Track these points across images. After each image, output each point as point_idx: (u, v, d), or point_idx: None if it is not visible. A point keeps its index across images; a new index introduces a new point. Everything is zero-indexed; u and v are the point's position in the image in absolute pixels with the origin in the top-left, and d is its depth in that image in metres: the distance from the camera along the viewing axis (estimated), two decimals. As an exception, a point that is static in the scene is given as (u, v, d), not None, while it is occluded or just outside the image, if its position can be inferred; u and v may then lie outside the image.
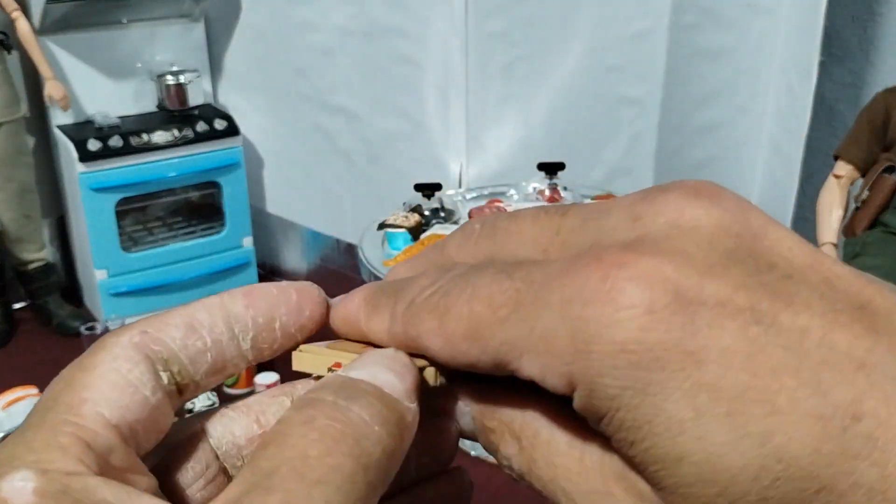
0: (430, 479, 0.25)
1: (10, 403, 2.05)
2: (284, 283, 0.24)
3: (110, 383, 0.21)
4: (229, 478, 0.23)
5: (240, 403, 0.24)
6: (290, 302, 0.24)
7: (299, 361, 0.24)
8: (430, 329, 0.21)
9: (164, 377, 0.22)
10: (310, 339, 0.24)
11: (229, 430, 0.24)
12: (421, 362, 0.22)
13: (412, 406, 0.21)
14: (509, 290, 0.19)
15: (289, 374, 0.24)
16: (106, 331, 2.59)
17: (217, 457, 0.23)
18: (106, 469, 0.19)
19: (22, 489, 0.18)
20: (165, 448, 0.23)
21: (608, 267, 0.18)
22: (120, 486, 0.19)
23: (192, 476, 0.23)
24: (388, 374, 0.21)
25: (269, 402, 0.24)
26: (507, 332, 0.19)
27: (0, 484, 0.18)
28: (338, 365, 0.23)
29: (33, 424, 0.20)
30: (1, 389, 2.10)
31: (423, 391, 0.22)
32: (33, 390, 2.10)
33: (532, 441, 0.21)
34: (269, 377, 2.22)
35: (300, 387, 0.24)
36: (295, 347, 0.24)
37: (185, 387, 0.22)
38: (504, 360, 0.19)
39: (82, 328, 2.58)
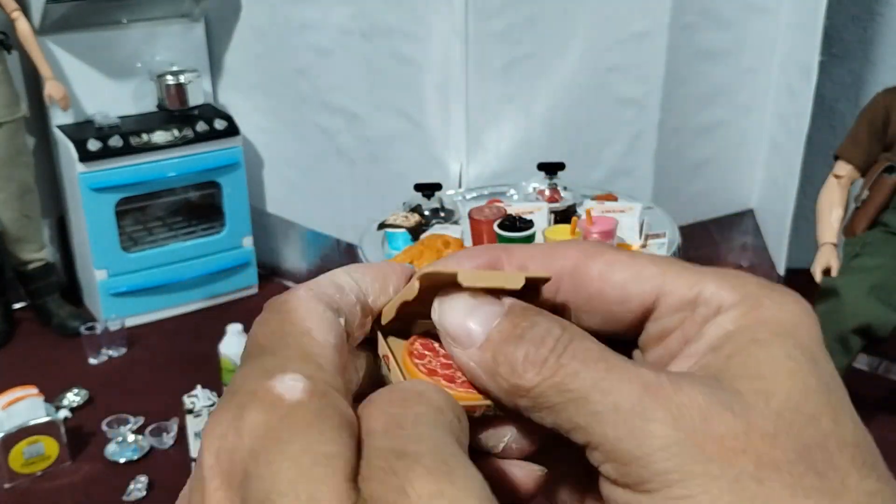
0: None
1: (10, 403, 2.05)
2: (386, 261, 0.28)
3: (319, 318, 0.24)
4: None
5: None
6: (397, 272, 0.27)
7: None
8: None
9: (342, 322, 0.25)
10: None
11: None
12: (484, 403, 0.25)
13: (463, 413, 0.24)
14: None
15: None
16: (106, 331, 2.59)
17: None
18: (340, 388, 0.22)
19: (293, 387, 0.21)
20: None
21: None
22: (350, 408, 0.22)
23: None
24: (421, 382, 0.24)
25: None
26: None
27: (273, 382, 0.21)
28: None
29: (278, 345, 0.23)
30: (1, 389, 2.10)
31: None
32: (33, 390, 2.10)
33: None
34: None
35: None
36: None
37: (349, 335, 0.25)
38: None
39: (82, 328, 2.58)
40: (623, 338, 0.26)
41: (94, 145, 2.58)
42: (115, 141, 2.61)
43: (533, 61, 2.37)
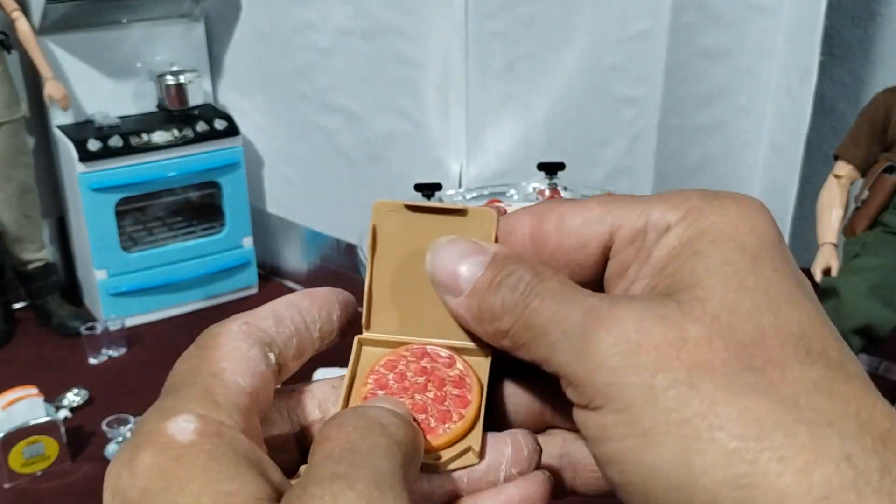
0: None
1: (10, 403, 2.05)
2: (328, 288, 0.29)
3: (237, 358, 0.24)
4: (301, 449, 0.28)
5: (303, 387, 0.28)
6: (339, 299, 0.28)
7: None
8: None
9: (272, 357, 0.25)
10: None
11: (295, 411, 0.28)
12: (467, 443, 0.26)
13: (414, 425, 0.25)
14: None
15: (292, 378, 0.27)
16: (106, 331, 2.59)
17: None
18: (245, 428, 0.23)
19: (185, 428, 0.21)
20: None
21: None
22: (255, 446, 0.22)
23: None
24: (388, 402, 0.25)
25: (328, 391, 0.28)
26: None
27: (167, 424, 0.22)
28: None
29: (185, 384, 0.23)
30: (1, 389, 2.10)
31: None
32: (33, 390, 2.10)
33: None
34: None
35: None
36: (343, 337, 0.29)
37: (281, 368, 0.26)
38: None
39: (82, 328, 2.58)
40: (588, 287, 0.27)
41: (94, 145, 2.58)
42: (115, 141, 2.60)
43: (533, 61, 2.36)
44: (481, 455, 0.26)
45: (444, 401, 0.27)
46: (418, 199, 0.31)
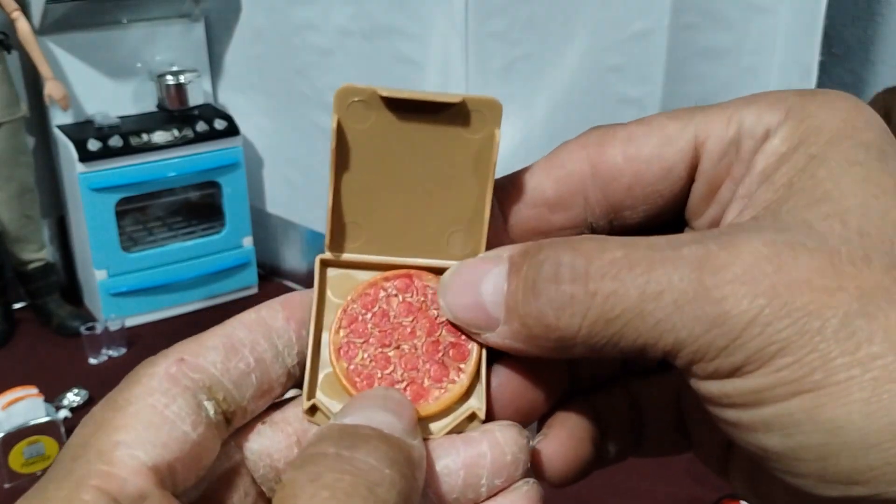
0: None
1: (10, 403, 2.05)
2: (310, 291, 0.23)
3: (145, 422, 0.19)
4: (267, 501, 0.22)
5: (277, 417, 0.22)
6: (305, 303, 0.22)
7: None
8: None
9: (210, 407, 0.20)
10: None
11: (267, 452, 0.22)
12: (469, 407, 0.22)
13: (416, 443, 0.20)
14: None
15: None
16: (106, 331, 2.59)
17: (254, 480, 0.22)
18: None
19: None
20: (206, 480, 0.21)
21: None
22: None
23: None
24: (384, 415, 0.20)
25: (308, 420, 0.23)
26: None
27: None
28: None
29: (57, 476, 0.19)
30: (1, 389, 2.10)
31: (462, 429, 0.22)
32: (33, 390, 2.10)
33: None
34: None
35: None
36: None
37: (232, 414, 0.21)
38: None
39: (82, 328, 2.58)
40: (667, 222, 0.22)
41: (94, 145, 2.58)
42: (115, 141, 2.60)
43: (533, 61, 2.37)
44: (487, 420, 0.22)
45: (437, 351, 0.22)
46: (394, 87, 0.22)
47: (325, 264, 0.24)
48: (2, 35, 2.50)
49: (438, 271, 0.23)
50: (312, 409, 0.22)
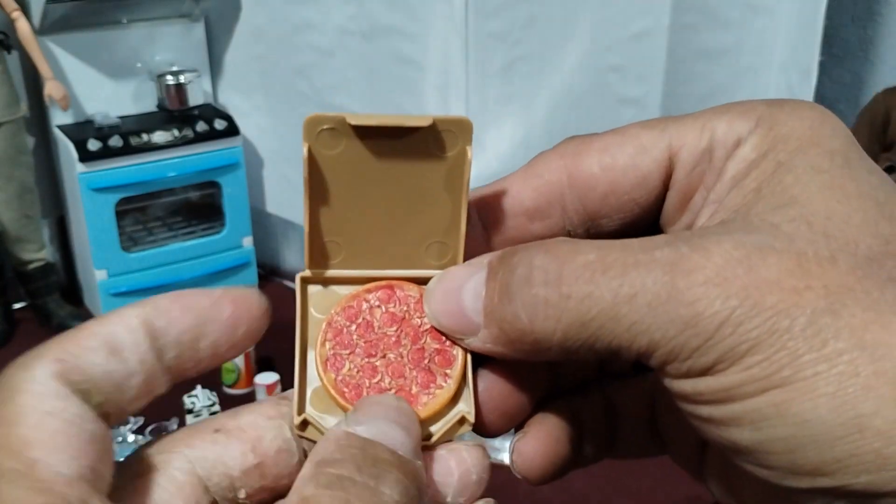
0: None
1: (10, 403, 2.05)
2: (220, 291, 0.21)
3: (51, 432, 0.17)
4: None
5: (231, 424, 0.21)
6: (222, 318, 0.21)
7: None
8: None
9: (98, 409, 0.19)
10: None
11: (221, 460, 0.21)
12: (458, 411, 0.22)
13: (420, 463, 0.20)
14: None
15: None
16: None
17: (207, 489, 0.21)
18: None
19: None
20: (149, 482, 0.20)
21: None
22: None
23: None
24: (397, 431, 0.20)
25: (265, 424, 0.22)
26: None
27: None
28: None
29: None
30: (1, 389, 2.10)
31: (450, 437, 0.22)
32: (33, 390, 2.10)
33: None
34: (269, 377, 2.22)
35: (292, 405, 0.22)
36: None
37: (109, 415, 0.19)
38: None
39: (82, 328, 2.58)
40: (642, 229, 0.23)
41: (94, 145, 2.58)
42: (115, 141, 2.60)
43: (533, 61, 2.37)
44: (476, 423, 0.22)
45: (422, 359, 0.22)
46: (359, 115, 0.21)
47: (306, 281, 0.24)
48: (2, 35, 2.50)
49: (419, 281, 0.23)
50: (304, 424, 0.22)
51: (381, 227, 0.23)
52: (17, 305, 2.83)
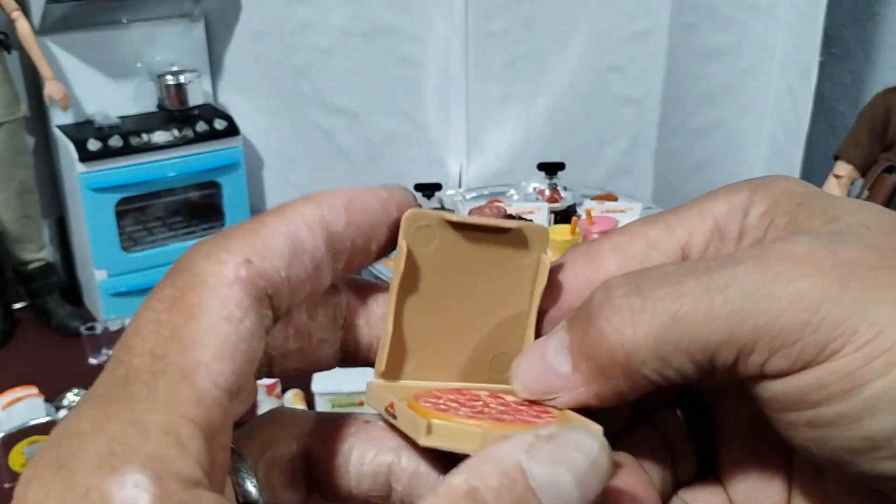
0: None
1: (10, 403, 2.05)
2: (384, 191, 0.21)
3: (223, 339, 0.17)
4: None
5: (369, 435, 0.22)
6: (389, 221, 0.21)
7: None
8: None
9: (268, 318, 0.19)
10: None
11: (361, 459, 0.22)
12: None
13: None
14: None
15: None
16: (106, 331, 2.59)
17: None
18: (209, 461, 0.16)
19: (134, 499, 0.15)
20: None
21: None
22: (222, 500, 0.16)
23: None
24: (570, 480, 0.17)
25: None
26: None
27: (111, 486, 0.15)
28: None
29: (143, 393, 0.16)
30: (1, 389, 2.10)
31: None
32: (33, 390, 2.10)
33: None
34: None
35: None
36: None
37: (274, 321, 0.19)
38: None
39: (82, 328, 2.58)
40: None
41: (94, 145, 2.58)
42: (115, 141, 2.60)
43: (533, 61, 2.37)
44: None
45: (518, 412, 0.21)
46: (453, 213, 0.24)
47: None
48: (2, 35, 2.50)
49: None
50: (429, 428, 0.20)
51: (453, 334, 0.22)
52: (17, 305, 2.83)
